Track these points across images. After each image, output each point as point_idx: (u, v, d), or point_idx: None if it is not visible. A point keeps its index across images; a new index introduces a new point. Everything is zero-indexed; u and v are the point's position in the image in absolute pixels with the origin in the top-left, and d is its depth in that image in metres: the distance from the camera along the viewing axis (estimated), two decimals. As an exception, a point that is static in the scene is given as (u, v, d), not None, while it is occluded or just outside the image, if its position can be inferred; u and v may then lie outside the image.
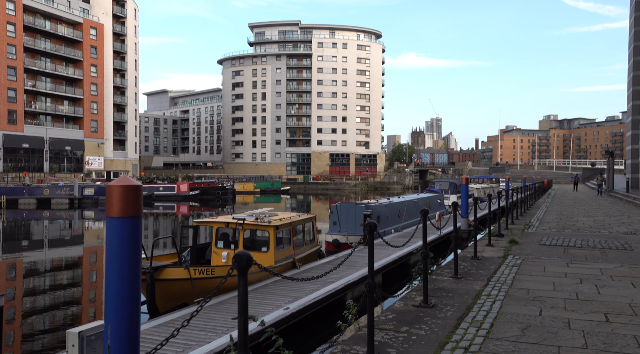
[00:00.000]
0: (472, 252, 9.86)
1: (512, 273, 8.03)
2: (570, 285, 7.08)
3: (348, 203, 18.49)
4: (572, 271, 8.16)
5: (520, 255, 9.94)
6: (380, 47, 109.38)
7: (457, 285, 7.26)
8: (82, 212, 41.01)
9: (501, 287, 6.99)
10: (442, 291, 6.91)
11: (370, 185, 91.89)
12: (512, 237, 12.63)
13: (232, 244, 11.54)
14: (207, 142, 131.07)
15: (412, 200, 23.74)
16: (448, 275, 8.10)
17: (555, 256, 9.76)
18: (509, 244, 11.53)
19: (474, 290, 6.90)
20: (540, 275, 7.83)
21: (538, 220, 17.93)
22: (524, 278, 7.61)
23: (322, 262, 13.07)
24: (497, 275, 7.97)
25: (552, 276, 7.77)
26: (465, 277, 7.88)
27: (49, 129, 63.66)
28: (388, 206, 20.29)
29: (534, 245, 11.46)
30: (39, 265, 18.51)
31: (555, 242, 11.81)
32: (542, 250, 10.69)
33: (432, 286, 7.16)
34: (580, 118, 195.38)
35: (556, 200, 32.50)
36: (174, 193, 53.56)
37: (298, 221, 12.83)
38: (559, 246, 11.23)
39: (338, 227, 18.28)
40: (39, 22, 62.89)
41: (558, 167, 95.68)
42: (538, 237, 12.81)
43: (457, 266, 7.93)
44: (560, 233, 13.62)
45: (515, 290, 6.79)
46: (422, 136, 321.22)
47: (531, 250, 10.59)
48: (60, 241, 25.81)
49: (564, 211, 21.84)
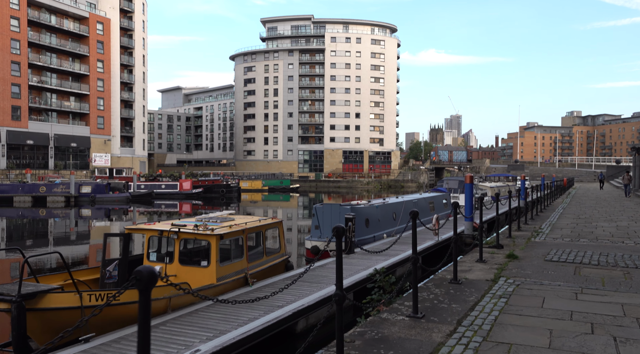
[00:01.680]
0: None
1: (496, 310, 5.81)
2: (576, 338, 4.82)
3: (331, 205, 16.33)
4: (581, 309, 5.88)
5: (516, 277, 7.69)
6: (395, 42, 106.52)
7: (410, 333, 5.04)
8: (79, 211, 39.61)
9: (471, 338, 4.78)
10: (383, 344, 4.73)
11: (384, 183, 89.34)
12: (512, 249, 10.34)
13: (167, 257, 9.54)
14: (220, 139, 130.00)
15: (412, 201, 21.46)
16: (406, 312, 5.90)
17: (562, 280, 7.48)
18: (506, 260, 9.25)
19: (430, 343, 4.70)
20: (534, 316, 5.58)
21: (550, 225, 15.52)
22: (510, 321, 5.38)
23: (285, 277, 10.96)
24: (474, 312, 5.77)
25: (551, 317, 5.53)
26: (429, 316, 5.67)
27: (54, 125, 62.78)
28: (380, 208, 18.07)
29: (538, 260, 9.17)
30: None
31: (566, 257, 9.49)
32: (546, 268, 8.42)
33: (373, 334, 4.99)
34: (605, 115, 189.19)
35: (576, 200, 29.81)
36: (176, 191, 51.99)
37: (254, 228, 10.76)
38: (569, 263, 8.93)
39: (319, 232, 16.16)
40: (44, 17, 61.96)
41: (581, 164, 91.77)
42: (545, 249, 10.49)
43: (416, 302, 5.71)
44: (573, 244, 11.26)
45: (490, 348, 4.57)
46: (440, 133, 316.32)
47: (532, 270, 8.32)
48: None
49: (582, 214, 19.34)
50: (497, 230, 10.93)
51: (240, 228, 10.09)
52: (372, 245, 15.75)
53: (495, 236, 11.36)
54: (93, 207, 42.09)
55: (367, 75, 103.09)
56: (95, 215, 37.05)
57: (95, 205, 43.15)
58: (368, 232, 16.73)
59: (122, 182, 46.90)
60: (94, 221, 33.97)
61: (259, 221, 11.17)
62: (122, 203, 44.14)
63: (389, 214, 18.70)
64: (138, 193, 46.89)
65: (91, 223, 32.43)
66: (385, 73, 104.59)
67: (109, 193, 44.47)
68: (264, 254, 11.13)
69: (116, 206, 42.51)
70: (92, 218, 35.43)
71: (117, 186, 45.92)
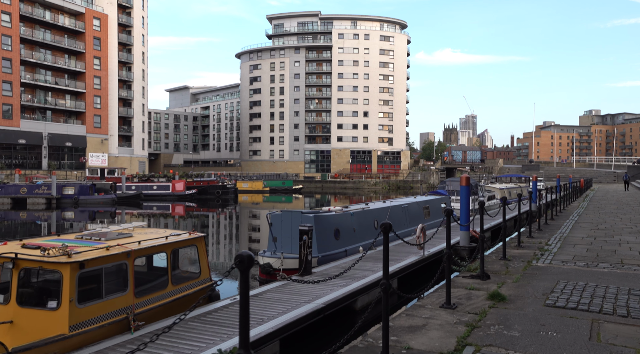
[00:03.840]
0: (402, 325, 4.67)
1: None
2: None
3: (291, 212, 13.42)
4: None
5: (492, 347, 4.73)
6: (405, 38, 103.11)
7: None
8: (61, 213, 37.27)
9: None
10: None
11: (392, 184, 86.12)
12: (501, 281, 7.35)
13: (1, 294, 6.78)
14: (227, 138, 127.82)
15: (401, 206, 18.48)
16: None
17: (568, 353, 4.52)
18: (486, 303, 6.28)
19: None
20: None
21: (561, 238, 12.44)
22: None
23: (198, 313, 8.08)
24: None
25: None
26: None
27: (48, 124, 60.83)
28: (357, 216, 15.13)
29: (535, 305, 6.20)
30: None
31: (577, 298, 6.49)
32: (545, 324, 5.45)
33: None
34: (625, 113, 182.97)
35: (594, 204, 26.49)
36: (169, 192, 49.53)
37: (149, 250, 7.94)
38: (582, 311, 5.94)
39: (275, 246, 13.31)
40: (37, 12, 60.05)
41: (599, 164, 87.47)
42: (549, 282, 7.49)
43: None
44: (589, 272, 8.23)
45: None
46: (454, 133, 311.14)
47: (523, 326, 5.36)
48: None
49: (601, 223, 16.18)
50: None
51: (123, 251, 7.28)
52: (340, 262, 12.82)
53: (493, 251, 8.34)
54: (76, 209, 39.76)
55: (376, 73, 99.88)
56: (68, 218, 34.61)
57: (79, 207, 40.81)
58: (338, 245, 13.80)
59: (109, 183, 44.53)
60: (67, 222, 31.50)
61: (165, 239, 8.36)
62: (107, 205, 41.75)
63: (368, 222, 15.76)
64: (125, 195, 44.48)
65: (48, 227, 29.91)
66: (394, 71, 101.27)
67: (93, 194, 42.12)
68: (169, 283, 8.30)
69: (101, 209, 40.14)
70: (67, 221, 32.99)
71: (104, 187, 43.57)
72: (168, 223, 32.71)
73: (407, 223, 18.36)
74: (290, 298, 9.06)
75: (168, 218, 35.89)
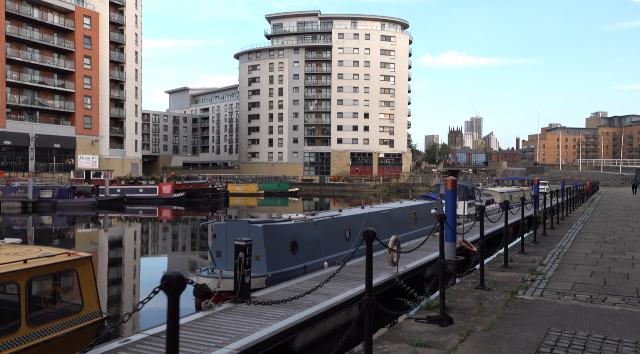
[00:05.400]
0: None
1: None
2: None
3: (237, 222, 11.22)
4: None
5: None
6: (406, 38, 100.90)
7: None
8: (38, 217, 35.29)
9: None
10: None
11: (393, 187, 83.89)
12: (469, 328, 5.15)
13: None
14: (226, 140, 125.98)
15: (381, 212, 16.27)
16: None
17: None
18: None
19: None
20: None
21: (560, 255, 10.20)
22: None
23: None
24: None
25: None
26: None
27: (35, 125, 59.05)
28: (323, 225, 12.94)
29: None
30: None
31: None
32: None
33: None
34: (633, 115, 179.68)
35: (600, 210, 24.16)
36: (155, 195, 47.51)
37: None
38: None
39: (214, 263, 11.15)
40: (25, 10, 58.35)
41: (606, 167, 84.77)
42: (534, 331, 5.26)
43: None
44: (593, 312, 5.99)
45: None
46: (459, 135, 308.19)
47: None
48: None
49: (609, 234, 13.92)
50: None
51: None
52: (294, 282, 10.59)
53: (459, 284, 6.13)
54: (54, 214, 37.78)
55: (377, 73, 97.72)
56: (45, 223, 32.55)
57: (57, 211, 38.82)
58: (295, 261, 11.59)
59: (91, 186, 42.54)
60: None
61: (23, 263, 6.22)
62: (87, 209, 39.73)
63: (337, 232, 13.55)
64: (108, 198, 42.48)
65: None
66: (395, 72, 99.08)
67: (73, 198, 40.14)
68: (23, 324, 6.13)
69: (80, 213, 38.14)
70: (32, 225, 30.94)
71: (85, 190, 41.58)
72: (136, 230, 30.56)
73: (389, 232, 16.12)
74: (200, 339, 6.87)
75: (133, 223, 33.78)
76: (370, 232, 4.15)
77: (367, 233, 4.11)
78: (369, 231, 4.15)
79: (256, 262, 10.84)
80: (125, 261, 18.92)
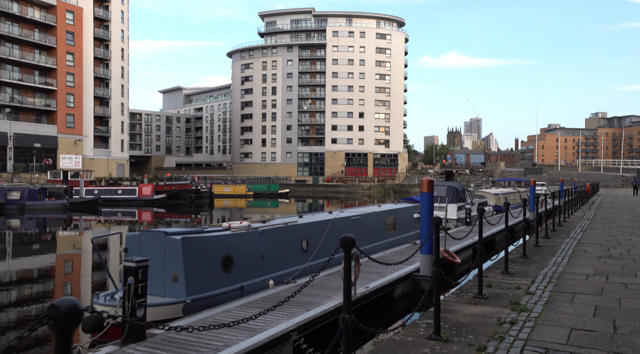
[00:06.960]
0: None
1: None
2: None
3: (153, 233, 9.03)
4: None
5: None
6: (402, 36, 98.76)
7: None
8: (5, 221, 33.06)
9: None
10: None
11: (388, 188, 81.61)
12: None
13: None
14: (219, 140, 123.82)
15: (351, 218, 14.07)
16: None
17: None
18: None
19: None
20: None
21: (553, 277, 8.01)
22: None
23: None
24: None
25: None
26: None
27: (14, 123, 56.83)
28: (271, 234, 10.75)
29: None
30: None
31: None
32: None
33: None
34: (633, 116, 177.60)
35: (602, 214, 21.97)
36: (135, 197, 45.30)
37: None
38: None
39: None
40: (3, 4, 56.11)
41: (606, 167, 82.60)
42: None
43: None
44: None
45: None
46: (458, 136, 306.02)
47: None
48: None
49: (614, 245, 11.75)
50: None
51: None
52: (223, 308, 8.37)
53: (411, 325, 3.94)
54: (22, 217, 35.56)
55: (372, 72, 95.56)
56: (13, 226, 30.29)
57: (25, 214, 36.61)
58: (229, 281, 9.36)
59: (64, 187, 40.33)
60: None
61: None
62: (58, 212, 37.53)
63: (291, 244, 11.35)
64: (81, 200, 40.25)
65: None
66: (391, 70, 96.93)
67: (43, 199, 37.93)
68: None
69: (51, 216, 35.93)
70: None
71: (57, 191, 39.38)
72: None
73: (359, 241, 13.95)
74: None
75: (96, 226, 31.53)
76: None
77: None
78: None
79: (173, 284, 8.66)
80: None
